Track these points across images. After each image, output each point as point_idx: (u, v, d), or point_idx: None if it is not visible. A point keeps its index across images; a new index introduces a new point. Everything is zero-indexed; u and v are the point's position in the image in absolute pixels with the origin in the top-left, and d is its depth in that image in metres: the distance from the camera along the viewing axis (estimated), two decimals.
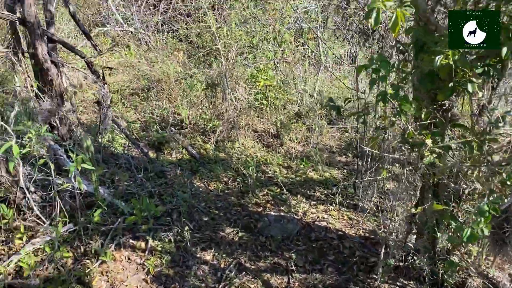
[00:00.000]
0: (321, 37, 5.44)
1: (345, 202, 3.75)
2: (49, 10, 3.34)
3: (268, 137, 4.84)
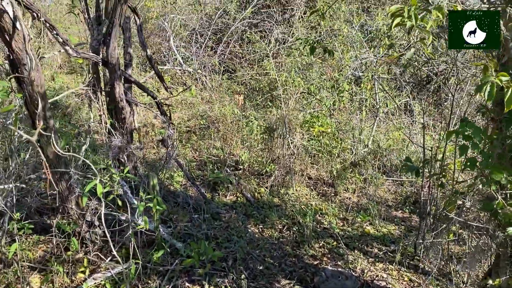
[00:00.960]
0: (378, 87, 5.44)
1: (405, 262, 3.60)
2: (129, 53, 3.50)
3: (323, 185, 4.78)
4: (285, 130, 4.54)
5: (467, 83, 4.34)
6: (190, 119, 5.57)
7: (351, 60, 5.38)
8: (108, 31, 3.28)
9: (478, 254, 3.11)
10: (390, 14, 1.55)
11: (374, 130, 5.33)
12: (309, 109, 5.30)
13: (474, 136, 2.07)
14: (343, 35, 5.45)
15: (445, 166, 2.86)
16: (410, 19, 1.53)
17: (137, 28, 3.74)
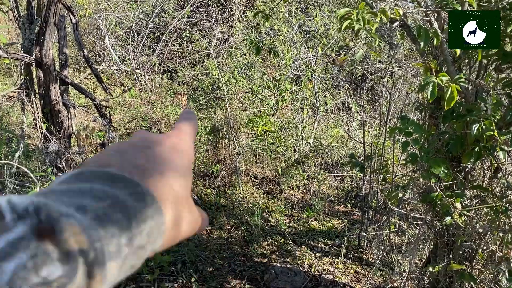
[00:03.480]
0: (317, 86, 5.59)
1: (350, 255, 3.74)
2: (64, 53, 3.31)
3: (268, 183, 4.83)
4: (230, 130, 4.53)
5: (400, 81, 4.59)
6: (130, 121, 5.38)
7: (292, 60, 5.48)
8: (41, 30, 3.08)
9: (417, 243, 3.31)
10: (339, 17, 1.59)
11: (315, 128, 5.47)
12: (252, 108, 5.33)
13: (414, 132, 2.18)
14: (284, 35, 5.54)
15: (385, 161, 3.00)
16: (358, 22, 1.58)
17: (72, 27, 3.55)
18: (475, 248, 2.76)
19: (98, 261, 0.27)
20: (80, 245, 0.26)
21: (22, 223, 0.25)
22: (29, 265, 0.23)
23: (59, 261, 0.24)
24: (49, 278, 0.24)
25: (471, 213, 2.64)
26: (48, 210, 0.25)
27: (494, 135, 2.04)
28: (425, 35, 1.68)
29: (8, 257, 0.23)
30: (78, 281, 0.25)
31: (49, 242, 0.25)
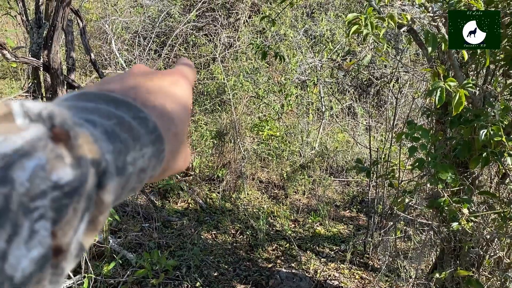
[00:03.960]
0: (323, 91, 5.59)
1: (355, 260, 3.72)
2: (72, 57, 3.33)
3: (274, 188, 4.82)
4: (236, 134, 4.53)
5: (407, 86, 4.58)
6: None
7: (297, 64, 5.48)
8: (49, 34, 3.10)
9: (423, 249, 3.29)
10: (347, 22, 1.59)
11: (321, 133, 5.47)
12: (258, 113, 5.33)
13: (422, 138, 2.17)
14: (289, 40, 5.55)
15: (392, 166, 2.99)
16: (366, 27, 1.58)
17: (79, 31, 3.57)
18: (482, 255, 2.74)
19: (108, 172, 0.27)
20: (92, 154, 0.26)
21: (36, 125, 0.24)
22: (47, 167, 0.23)
23: (71, 166, 0.24)
24: (59, 183, 0.24)
25: (478, 219, 2.63)
26: (62, 116, 0.25)
27: (502, 140, 2.03)
28: (433, 40, 1.68)
29: (28, 154, 0.23)
30: (89, 188, 0.25)
31: (63, 146, 0.25)
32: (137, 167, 0.30)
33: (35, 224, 0.22)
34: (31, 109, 0.25)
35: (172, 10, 6.73)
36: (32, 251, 0.21)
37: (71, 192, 0.24)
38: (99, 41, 6.70)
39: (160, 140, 0.33)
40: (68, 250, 0.24)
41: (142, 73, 0.39)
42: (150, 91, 0.36)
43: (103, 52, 6.68)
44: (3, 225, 0.19)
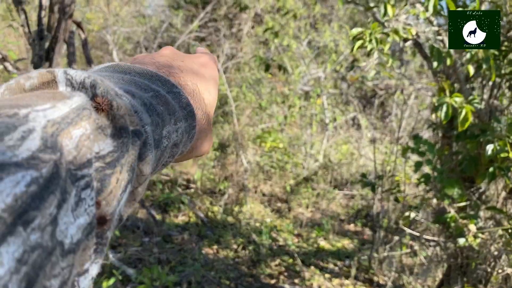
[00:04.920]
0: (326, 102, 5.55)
1: (360, 276, 3.64)
2: (73, 68, 3.30)
3: (277, 201, 4.76)
4: (238, 146, 4.48)
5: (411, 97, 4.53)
6: None
7: (301, 75, 5.45)
8: (51, 46, 3.08)
9: (430, 265, 3.21)
10: (352, 37, 1.55)
11: (324, 144, 5.41)
12: (260, 124, 5.29)
13: (427, 152, 2.12)
14: (292, 50, 5.52)
15: (397, 180, 2.93)
16: (370, 42, 1.54)
17: (81, 43, 3.55)
18: (490, 271, 2.66)
19: (148, 144, 0.27)
20: (133, 125, 0.26)
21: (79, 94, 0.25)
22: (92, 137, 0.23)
23: (111, 137, 0.25)
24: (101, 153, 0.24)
25: (485, 235, 2.56)
26: (104, 86, 0.25)
27: (508, 156, 1.98)
28: (438, 55, 1.63)
29: (74, 123, 0.23)
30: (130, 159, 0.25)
31: (105, 116, 0.25)
32: (171, 141, 0.31)
33: (82, 193, 0.22)
34: (75, 77, 0.25)
35: (174, 20, 6.73)
36: (79, 219, 0.22)
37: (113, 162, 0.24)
38: (101, 52, 6.70)
39: (192, 116, 0.34)
40: (112, 220, 0.25)
41: (172, 54, 0.40)
42: (182, 70, 0.37)
43: (105, 62, 6.67)
44: (53, 191, 0.19)
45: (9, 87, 0.24)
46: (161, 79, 0.33)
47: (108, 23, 6.78)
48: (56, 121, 0.22)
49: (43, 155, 0.19)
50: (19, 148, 0.19)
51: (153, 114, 0.29)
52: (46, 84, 0.25)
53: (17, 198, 0.17)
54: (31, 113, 0.21)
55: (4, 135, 0.19)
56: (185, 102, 0.33)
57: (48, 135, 0.20)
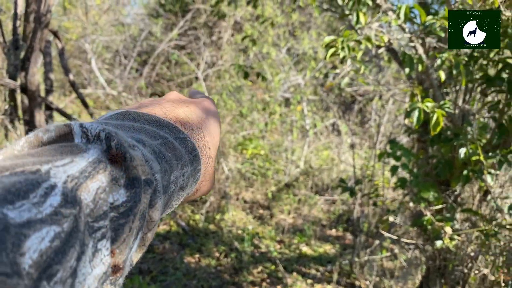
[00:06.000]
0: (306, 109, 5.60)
1: (342, 281, 3.66)
2: (50, 78, 3.27)
3: (259, 208, 4.76)
4: (219, 154, 4.48)
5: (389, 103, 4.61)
6: None
7: (281, 82, 5.49)
8: (26, 56, 3.04)
9: (409, 268, 3.25)
10: (325, 45, 1.57)
11: (305, 151, 5.45)
12: (241, 131, 5.30)
13: (403, 157, 2.16)
14: (272, 58, 5.56)
15: (375, 185, 2.97)
16: (343, 50, 1.57)
17: (58, 52, 3.52)
18: (467, 273, 2.72)
19: (157, 192, 0.28)
20: (145, 175, 0.27)
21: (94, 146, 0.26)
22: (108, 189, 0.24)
23: (125, 187, 0.26)
24: (116, 203, 0.25)
25: (462, 237, 2.61)
26: (118, 138, 0.26)
27: (480, 159, 2.03)
28: (409, 61, 1.68)
29: (91, 176, 0.24)
30: (142, 207, 0.26)
31: (118, 167, 0.26)
32: (178, 185, 0.33)
33: (98, 243, 0.23)
34: (90, 130, 0.27)
35: (154, 28, 6.72)
36: (96, 269, 0.23)
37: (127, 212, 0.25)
38: (79, 61, 6.63)
39: (197, 160, 0.36)
40: (124, 267, 0.26)
41: (177, 99, 0.42)
42: (187, 115, 0.39)
43: (83, 71, 6.61)
44: (74, 245, 0.20)
45: (28, 140, 0.25)
46: (169, 126, 0.35)
47: (86, 32, 6.71)
48: (75, 175, 0.22)
49: (64, 210, 0.20)
50: (43, 204, 0.20)
51: (162, 161, 0.30)
52: (63, 136, 0.26)
53: (42, 253, 0.18)
54: (52, 169, 0.22)
55: (29, 192, 0.20)
56: (191, 147, 0.35)
57: (68, 190, 0.21)
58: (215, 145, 0.41)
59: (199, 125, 0.40)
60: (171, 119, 0.37)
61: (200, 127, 0.39)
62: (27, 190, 0.20)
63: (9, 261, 0.17)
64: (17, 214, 0.18)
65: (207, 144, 0.39)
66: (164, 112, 0.37)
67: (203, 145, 0.38)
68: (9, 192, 0.19)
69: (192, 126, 0.38)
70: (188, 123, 0.38)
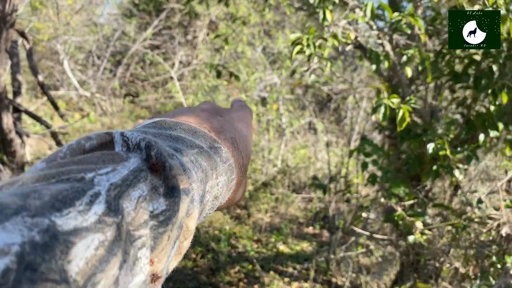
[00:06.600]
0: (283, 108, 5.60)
1: (318, 278, 3.68)
2: (18, 80, 3.18)
3: (236, 207, 4.74)
4: None
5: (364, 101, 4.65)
6: None
7: (256, 81, 5.48)
8: None
9: (384, 263, 3.29)
10: (291, 43, 1.57)
11: (282, 150, 5.46)
12: None
13: (373, 153, 2.17)
14: (247, 57, 5.55)
15: (349, 182, 2.99)
16: (308, 47, 1.57)
17: (26, 53, 3.42)
18: (439, 266, 2.76)
19: (194, 201, 0.29)
20: (183, 184, 0.27)
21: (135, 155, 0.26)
22: (148, 198, 0.25)
23: (164, 196, 0.26)
24: (155, 212, 0.25)
25: (433, 231, 2.65)
26: (158, 147, 0.27)
27: (447, 154, 2.06)
28: (376, 58, 1.69)
29: (133, 185, 0.24)
30: (180, 216, 0.27)
31: (158, 176, 0.26)
32: (212, 195, 0.33)
33: (138, 252, 0.23)
34: (131, 139, 0.27)
35: (128, 28, 6.62)
36: (136, 278, 0.23)
37: (166, 221, 0.25)
38: (51, 62, 6.49)
39: (231, 169, 0.37)
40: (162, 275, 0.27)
41: (211, 109, 0.43)
42: (221, 124, 0.40)
43: (56, 73, 6.47)
44: (116, 253, 0.21)
45: (71, 148, 0.26)
46: (204, 135, 0.35)
47: (58, 33, 6.57)
48: (118, 184, 0.23)
49: (107, 219, 0.21)
50: (88, 212, 0.20)
51: (198, 170, 0.31)
52: (104, 144, 0.27)
53: (88, 261, 0.19)
54: (96, 177, 0.23)
55: (75, 199, 0.20)
56: (225, 156, 0.36)
57: (111, 198, 0.22)
58: (248, 154, 0.42)
59: (233, 135, 0.40)
60: (205, 128, 0.37)
61: (234, 136, 0.40)
62: (73, 198, 0.20)
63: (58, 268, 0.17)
64: (65, 221, 0.19)
65: (240, 154, 0.39)
66: (199, 121, 0.38)
67: (237, 155, 0.39)
68: (56, 199, 0.19)
69: (226, 136, 0.39)
70: (222, 132, 0.38)
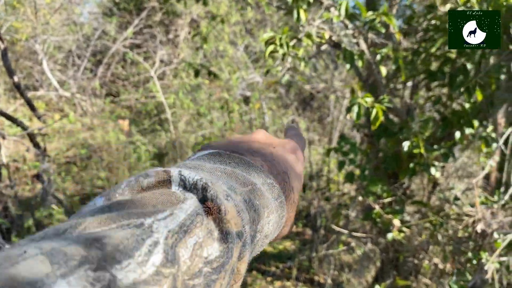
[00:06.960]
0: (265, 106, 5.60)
1: (301, 277, 3.69)
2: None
3: None
4: (177, 155, 4.41)
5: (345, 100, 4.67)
6: (69, 149, 5.13)
7: (239, 80, 5.46)
8: None
9: (365, 261, 3.31)
10: (264, 42, 1.56)
11: None
12: (200, 131, 5.24)
13: (350, 152, 2.18)
14: (229, 56, 5.53)
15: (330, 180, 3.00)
16: (282, 47, 1.56)
17: (1, 53, 3.35)
18: (418, 263, 2.79)
19: (247, 244, 0.28)
20: (237, 227, 0.27)
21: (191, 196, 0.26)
22: (203, 244, 0.24)
23: (218, 241, 0.25)
24: (209, 258, 0.24)
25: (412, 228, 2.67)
26: (214, 189, 0.27)
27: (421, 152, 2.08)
28: (350, 57, 1.69)
29: (189, 231, 0.24)
30: (233, 261, 0.26)
31: (212, 220, 0.26)
32: (263, 234, 0.32)
33: None
34: (188, 179, 0.27)
35: (108, 27, 6.54)
36: None
37: (219, 268, 0.25)
38: (30, 62, 6.37)
39: (282, 206, 0.36)
40: None
41: (264, 139, 0.43)
42: (274, 157, 0.39)
43: (35, 73, 6.35)
44: None
45: (129, 184, 0.26)
46: (257, 169, 0.35)
47: (36, 32, 6.45)
48: (175, 230, 0.23)
49: (165, 270, 0.21)
50: (146, 263, 0.20)
51: (251, 210, 0.30)
52: (161, 182, 0.27)
53: None
54: (155, 222, 0.23)
55: (134, 250, 0.20)
56: (277, 193, 0.35)
57: (168, 247, 0.22)
58: (299, 189, 0.41)
59: (285, 169, 0.39)
60: (258, 161, 0.37)
61: (286, 171, 0.39)
62: (133, 248, 0.20)
63: None
64: (124, 275, 0.19)
65: (292, 190, 0.39)
66: (251, 153, 0.38)
67: (288, 190, 0.38)
68: (117, 249, 0.20)
69: (278, 170, 0.38)
70: (275, 166, 0.38)
